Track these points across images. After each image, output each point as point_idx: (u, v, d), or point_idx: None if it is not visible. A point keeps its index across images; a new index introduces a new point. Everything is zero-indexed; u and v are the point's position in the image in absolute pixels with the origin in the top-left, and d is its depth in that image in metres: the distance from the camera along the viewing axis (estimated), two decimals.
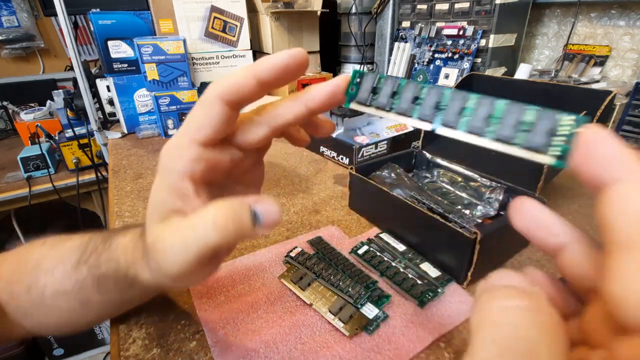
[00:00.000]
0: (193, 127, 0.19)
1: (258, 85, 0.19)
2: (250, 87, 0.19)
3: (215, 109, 0.19)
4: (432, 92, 0.18)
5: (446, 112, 0.18)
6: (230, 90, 0.19)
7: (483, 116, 0.17)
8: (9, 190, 1.03)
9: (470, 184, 0.48)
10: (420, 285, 0.34)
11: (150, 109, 0.88)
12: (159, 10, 0.83)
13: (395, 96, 0.19)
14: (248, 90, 0.19)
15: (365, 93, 0.20)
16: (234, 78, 0.19)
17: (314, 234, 0.44)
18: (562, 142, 0.15)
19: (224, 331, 0.30)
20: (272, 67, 0.18)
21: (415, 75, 0.83)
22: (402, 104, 0.19)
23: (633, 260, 0.11)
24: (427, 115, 0.18)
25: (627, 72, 0.75)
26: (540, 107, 0.16)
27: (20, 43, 1.52)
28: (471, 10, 0.72)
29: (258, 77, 0.18)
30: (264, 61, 0.19)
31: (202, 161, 0.20)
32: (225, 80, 0.19)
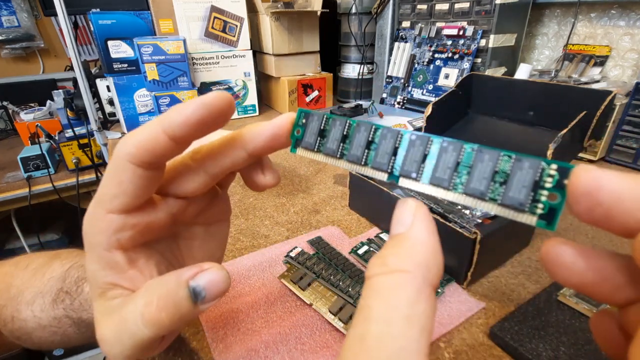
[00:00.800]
0: (106, 197, 0.16)
1: (172, 142, 0.15)
2: (162, 144, 0.15)
3: (127, 174, 0.16)
4: (389, 135, 0.16)
5: (406, 160, 0.15)
6: (139, 150, 0.15)
7: (450, 165, 0.15)
8: (9, 190, 1.03)
9: None
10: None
11: (150, 109, 0.88)
12: (159, 10, 0.83)
13: (347, 140, 0.17)
14: (161, 148, 0.15)
15: (312, 137, 0.18)
16: (141, 135, 0.15)
17: (314, 234, 0.44)
18: (545, 197, 0.13)
19: (224, 331, 0.30)
20: (184, 122, 0.15)
21: (415, 75, 0.83)
22: (354, 150, 0.16)
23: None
24: (384, 163, 0.16)
25: (627, 72, 0.75)
26: (516, 153, 0.14)
27: (20, 43, 1.52)
28: (471, 10, 0.72)
29: (169, 133, 0.15)
30: (174, 114, 0.15)
31: (127, 228, 0.17)
32: (132, 138, 0.15)
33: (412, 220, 0.13)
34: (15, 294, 0.27)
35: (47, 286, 0.26)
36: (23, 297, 0.27)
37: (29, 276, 0.28)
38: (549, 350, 0.27)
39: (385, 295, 0.12)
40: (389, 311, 0.11)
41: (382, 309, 0.11)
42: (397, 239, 0.13)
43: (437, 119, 0.54)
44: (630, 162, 0.63)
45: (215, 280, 0.16)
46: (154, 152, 0.15)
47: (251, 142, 0.18)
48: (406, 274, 0.12)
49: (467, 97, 0.57)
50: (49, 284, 0.26)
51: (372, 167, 0.16)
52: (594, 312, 0.30)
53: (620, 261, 0.13)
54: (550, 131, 0.48)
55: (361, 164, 0.16)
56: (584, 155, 0.67)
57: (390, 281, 0.12)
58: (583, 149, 0.46)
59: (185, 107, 0.15)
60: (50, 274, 0.27)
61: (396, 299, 0.11)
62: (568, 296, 0.32)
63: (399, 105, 0.86)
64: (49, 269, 0.28)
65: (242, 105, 0.98)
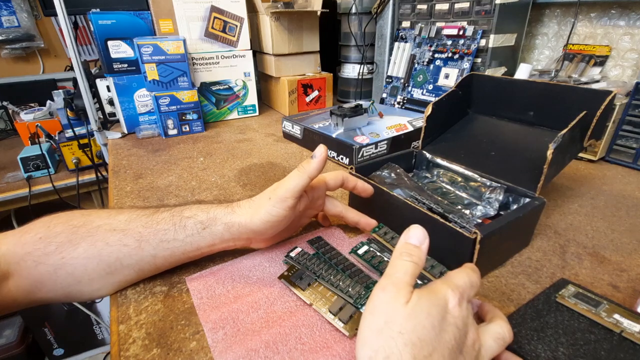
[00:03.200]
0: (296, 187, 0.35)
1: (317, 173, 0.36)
2: (316, 173, 0.35)
3: (304, 180, 0.35)
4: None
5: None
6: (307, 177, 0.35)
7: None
8: (9, 190, 1.03)
9: (470, 184, 0.48)
10: (420, 285, 0.34)
11: (150, 109, 0.88)
12: (159, 10, 0.83)
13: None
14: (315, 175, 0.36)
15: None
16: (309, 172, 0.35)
17: (314, 234, 0.44)
18: None
19: (224, 331, 0.30)
20: (318, 168, 0.35)
21: (415, 75, 0.82)
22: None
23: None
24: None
25: (627, 72, 0.75)
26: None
27: (20, 43, 1.51)
28: (471, 10, 0.72)
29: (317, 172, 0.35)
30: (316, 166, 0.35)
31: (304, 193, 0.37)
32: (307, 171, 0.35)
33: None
34: (86, 213, 0.34)
35: (131, 210, 0.35)
36: (97, 215, 0.34)
37: (100, 210, 0.36)
38: (548, 351, 0.27)
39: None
40: None
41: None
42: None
43: (437, 119, 0.54)
44: (631, 162, 0.63)
45: (318, 150, 0.35)
46: (312, 176, 0.35)
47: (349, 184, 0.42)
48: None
49: (467, 97, 0.57)
50: (133, 209, 0.35)
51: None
52: (593, 312, 0.30)
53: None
54: (550, 131, 0.48)
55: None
56: (584, 155, 0.67)
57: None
58: (583, 149, 0.46)
59: (321, 157, 0.35)
60: (131, 209, 0.36)
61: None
62: (567, 297, 0.32)
63: (399, 105, 0.86)
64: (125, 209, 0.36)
65: (242, 105, 0.98)
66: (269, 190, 0.36)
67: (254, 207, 0.35)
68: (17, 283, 0.30)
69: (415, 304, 0.23)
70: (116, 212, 0.35)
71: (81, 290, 0.33)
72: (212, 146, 0.77)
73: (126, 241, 0.33)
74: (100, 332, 1.41)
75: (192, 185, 0.59)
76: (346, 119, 0.67)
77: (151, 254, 0.34)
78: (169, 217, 0.34)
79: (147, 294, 0.35)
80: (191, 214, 0.35)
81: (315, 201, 0.41)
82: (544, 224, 0.46)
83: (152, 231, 0.33)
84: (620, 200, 0.53)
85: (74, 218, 0.33)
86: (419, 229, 0.27)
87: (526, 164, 0.45)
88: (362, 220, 0.42)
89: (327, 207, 0.42)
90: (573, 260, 0.40)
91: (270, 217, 0.34)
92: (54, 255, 0.31)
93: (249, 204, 0.35)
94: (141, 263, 0.34)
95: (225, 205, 0.36)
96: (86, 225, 0.33)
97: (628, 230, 0.45)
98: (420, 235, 0.26)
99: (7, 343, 1.21)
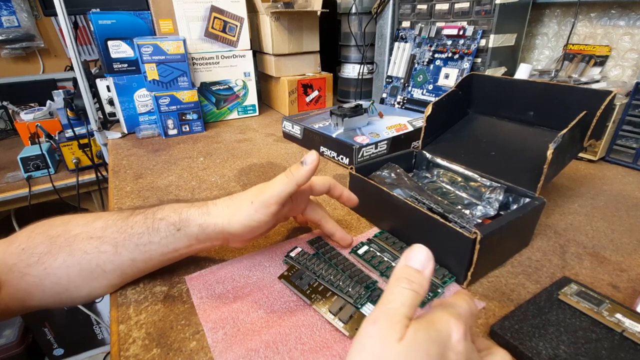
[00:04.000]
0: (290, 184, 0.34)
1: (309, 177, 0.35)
2: (306, 178, 0.34)
3: (291, 186, 0.33)
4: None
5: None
6: (298, 180, 0.34)
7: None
8: (9, 190, 1.03)
9: (470, 184, 0.48)
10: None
11: (150, 109, 0.88)
12: (159, 10, 0.83)
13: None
14: (303, 181, 0.34)
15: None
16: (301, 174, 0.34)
17: (314, 234, 0.44)
18: None
19: (224, 331, 0.30)
20: (310, 173, 0.34)
21: (415, 75, 0.82)
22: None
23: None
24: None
25: (627, 72, 0.75)
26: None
27: (20, 43, 1.51)
28: (471, 10, 0.72)
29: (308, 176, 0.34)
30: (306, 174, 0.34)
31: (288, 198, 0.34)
32: (297, 176, 0.33)
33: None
34: (65, 221, 0.34)
35: (108, 214, 0.34)
36: (74, 222, 0.33)
37: (77, 215, 0.35)
38: (549, 348, 0.27)
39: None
40: None
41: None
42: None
43: (437, 119, 0.54)
44: (631, 162, 0.63)
45: (310, 157, 0.33)
46: (301, 183, 0.34)
47: (334, 192, 0.40)
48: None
49: (467, 97, 0.57)
50: (111, 214, 0.34)
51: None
52: (595, 311, 0.30)
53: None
54: (550, 131, 0.48)
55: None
56: (584, 155, 0.67)
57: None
58: (583, 149, 0.46)
59: (313, 166, 0.34)
60: (110, 212, 0.35)
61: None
62: (569, 295, 0.32)
63: (399, 105, 0.86)
64: (103, 213, 0.35)
65: (242, 105, 0.98)
66: (252, 192, 0.34)
67: (232, 208, 0.33)
68: (8, 292, 0.30)
69: (411, 340, 0.19)
70: (94, 218, 0.34)
71: (71, 296, 0.33)
72: (212, 146, 0.77)
73: (103, 248, 0.32)
74: (100, 332, 1.41)
75: (192, 185, 0.59)
76: (346, 119, 0.67)
77: (130, 258, 0.33)
78: (142, 220, 0.33)
79: (147, 293, 0.35)
80: (164, 215, 0.33)
81: (298, 205, 0.39)
82: (544, 224, 0.46)
83: (127, 236, 0.33)
84: (620, 200, 0.53)
85: (53, 227, 0.33)
86: (422, 250, 0.23)
87: (526, 164, 0.45)
88: (337, 233, 0.40)
89: (308, 212, 0.40)
90: (573, 260, 0.40)
91: (251, 222, 0.33)
92: (36, 266, 0.31)
93: (226, 203, 0.34)
94: (122, 267, 0.33)
95: (200, 204, 0.34)
96: (64, 235, 0.32)
97: (628, 230, 0.45)
98: (423, 257, 0.23)
99: (7, 343, 1.21)
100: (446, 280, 0.35)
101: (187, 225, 0.33)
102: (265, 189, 0.33)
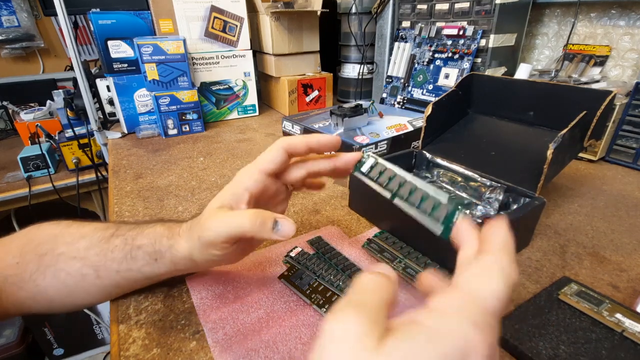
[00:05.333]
0: (264, 160, 0.30)
1: (307, 148, 0.31)
2: (302, 147, 0.30)
3: (279, 153, 0.30)
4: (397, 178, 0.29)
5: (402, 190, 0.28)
6: (290, 145, 0.30)
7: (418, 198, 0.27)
8: (9, 190, 1.03)
9: (470, 184, 0.48)
10: None
11: (150, 109, 0.88)
12: (159, 10, 0.83)
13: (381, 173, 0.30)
14: (300, 149, 0.30)
15: (366, 168, 0.31)
16: (294, 139, 0.30)
17: (314, 234, 0.44)
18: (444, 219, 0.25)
19: (224, 331, 0.30)
20: (319, 142, 0.30)
21: (415, 75, 0.82)
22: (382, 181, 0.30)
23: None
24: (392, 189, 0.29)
25: (627, 72, 0.75)
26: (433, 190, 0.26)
27: (20, 43, 1.51)
28: (471, 10, 0.72)
29: (309, 144, 0.30)
30: (316, 137, 0.30)
31: (260, 183, 0.30)
32: (289, 139, 0.30)
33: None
34: (51, 238, 0.32)
35: (93, 231, 0.32)
36: (61, 240, 0.32)
37: (63, 227, 0.33)
38: (549, 348, 0.27)
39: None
40: None
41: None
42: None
43: (437, 119, 0.54)
44: (631, 162, 0.63)
45: (287, 226, 0.27)
46: (295, 150, 0.30)
47: (339, 161, 0.32)
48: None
49: (467, 97, 0.57)
50: (96, 230, 0.33)
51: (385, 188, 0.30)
52: (595, 311, 0.30)
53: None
54: (550, 131, 0.48)
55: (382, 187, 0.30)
56: (584, 155, 0.67)
57: None
58: (583, 149, 0.46)
59: (323, 137, 0.30)
60: (95, 225, 0.33)
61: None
62: (569, 295, 0.32)
63: (399, 105, 0.86)
64: (87, 224, 0.33)
65: (242, 105, 0.98)
66: (204, 217, 0.29)
67: (191, 242, 0.29)
68: (7, 300, 0.31)
69: (393, 350, 0.13)
70: (79, 235, 0.32)
71: (65, 306, 0.33)
72: (212, 146, 0.77)
73: (85, 271, 0.31)
74: (100, 332, 1.41)
75: (192, 185, 0.59)
76: (346, 119, 0.67)
77: (112, 284, 0.32)
78: (122, 246, 0.31)
79: (147, 293, 0.35)
80: (141, 243, 0.31)
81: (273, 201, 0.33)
82: (544, 224, 0.46)
83: (107, 261, 0.31)
84: (620, 200, 0.53)
85: (40, 244, 0.32)
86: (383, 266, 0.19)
87: (526, 164, 0.45)
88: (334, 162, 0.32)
89: (292, 178, 0.32)
90: (573, 260, 0.40)
91: (205, 260, 0.29)
92: (29, 282, 0.31)
93: (188, 234, 0.30)
94: (106, 290, 0.32)
95: (169, 233, 0.31)
96: (50, 253, 0.31)
97: (628, 230, 0.45)
98: (386, 268, 0.19)
99: (7, 343, 1.21)
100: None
101: (162, 256, 0.31)
102: (209, 222, 0.28)
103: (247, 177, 0.30)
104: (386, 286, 0.17)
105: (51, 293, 0.31)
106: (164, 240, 0.31)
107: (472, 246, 0.21)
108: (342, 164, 0.32)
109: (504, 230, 0.19)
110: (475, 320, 0.14)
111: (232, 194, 0.29)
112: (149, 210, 0.51)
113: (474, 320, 0.14)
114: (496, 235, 0.19)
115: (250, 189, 0.30)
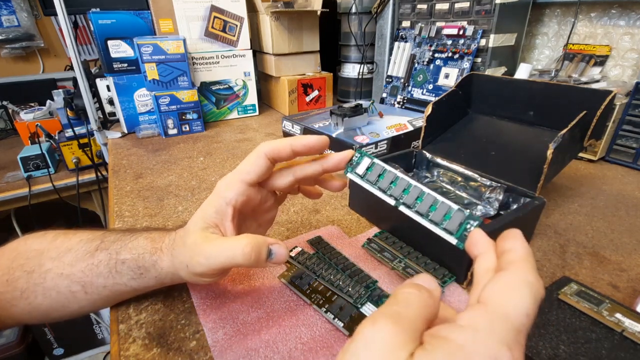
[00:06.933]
0: (244, 170, 0.28)
1: (292, 152, 0.28)
2: (286, 152, 0.28)
3: (260, 161, 0.28)
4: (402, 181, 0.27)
5: (408, 196, 0.27)
6: (272, 151, 0.28)
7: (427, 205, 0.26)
8: (9, 190, 1.03)
9: (470, 184, 0.48)
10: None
11: (150, 109, 0.88)
12: (159, 10, 0.82)
13: (380, 176, 0.28)
14: (284, 154, 0.28)
15: (362, 169, 0.29)
16: (277, 144, 0.28)
17: (314, 234, 0.44)
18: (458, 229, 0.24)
19: (224, 331, 0.30)
20: (305, 144, 0.28)
21: (415, 75, 0.82)
22: (383, 185, 0.28)
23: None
24: (397, 195, 0.27)
25: (627, 72, 0.75)
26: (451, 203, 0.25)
27: (20, 43, 1.51)
28: (471, 10, 0.72)
29: (293, 147, 0.28)
30: (301, 139, 0.28)
31: (242, 195, 0.29)
32: (271, 143, 0.28)
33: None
34: (38, 253, 0.31)
35: (79, 243, 0.32)
36: (47, 255, 0.31)
37: (49, 240, 0.32)
38: (549, 348, 0.27)
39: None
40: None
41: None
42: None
43: (437, 119, 0.54)
44: (631, 162, 0.63)
45: (281, 253, 0.27)
46: (279, 155, 0.28)
47: (327, 163, 0.30)
48: None
49: (467, 96, 0.57)
50: (81, 242, 0.32)
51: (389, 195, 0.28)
52: (595, 311, 0.30)
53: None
54: (550, 131, 0.48)
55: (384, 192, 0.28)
56: (584, 155, 0.67)
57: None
58: (583, 149, 0.46)
59: (308, 138, 0.28)
60: (80, 237, 0.32)
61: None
62: (569, 295, 0.32)
63: (399, 105, 0.86)
64: (73, 235, 0.32)
65: (242, 105, 0.98)
66: (184, 242, 0.28)
67: (176, 263, 0.29)
68: (1, 312, 0.31)
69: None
70: (65, 248, 0.31)
71: (62, 317, 0.32)
72: (212, 146, 0.77)
73: (73, 288, 0.30)
74: (100, 331, 1.41)
75: (192, 184, 0.59)
76: (346, 119, 0.67)
77: (101, 298, 0.31)
78: (106, 261, 0.30)
79: (147, 293, 0.35)
80: (125, 257, 0.30)
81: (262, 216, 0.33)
82: (544, 224, 0.46)
83: (93, 277, 0.30)
84: (620, 200, 0.53)
85: (29, 259, 0.31)
86: (427, 277, 0.19)
87: (526, 164, 0.45)
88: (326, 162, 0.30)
89: (276, 182, 0.31)
90: (573, 260, 0.40)
91: (196, 280, 0.29)
92: (21, 300, 0.30)
93: (172, 253, 0.29)
94: (97, 304, 0.32)
95: (152, 248, 0.30)
96: (37, 270, 0.31)
97: (628, 230, 0.45)
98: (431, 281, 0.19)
99: (7, 343, 1.21)
100: (446, 280, 0.35)
101: (147, 271, 0.30)
102: (202, 251, 0.27)
103: (228, 189, 0.28)
104: (429, 304, 0.17)
105: (44, 308, 0.31)
106: (146, 256, 0.30)
107: (490, 258, 0.20)
108: (331, 165, 0.29)
109: (522, 241, 0.19)
110: (506, 339, 0.14)
111: (216, 212, 0.28)
112: (149, 210, 0.51)
113: (504, 339, 0.15)
114: (517, 247, 0.19)
115: (232, 203, 0.28)
